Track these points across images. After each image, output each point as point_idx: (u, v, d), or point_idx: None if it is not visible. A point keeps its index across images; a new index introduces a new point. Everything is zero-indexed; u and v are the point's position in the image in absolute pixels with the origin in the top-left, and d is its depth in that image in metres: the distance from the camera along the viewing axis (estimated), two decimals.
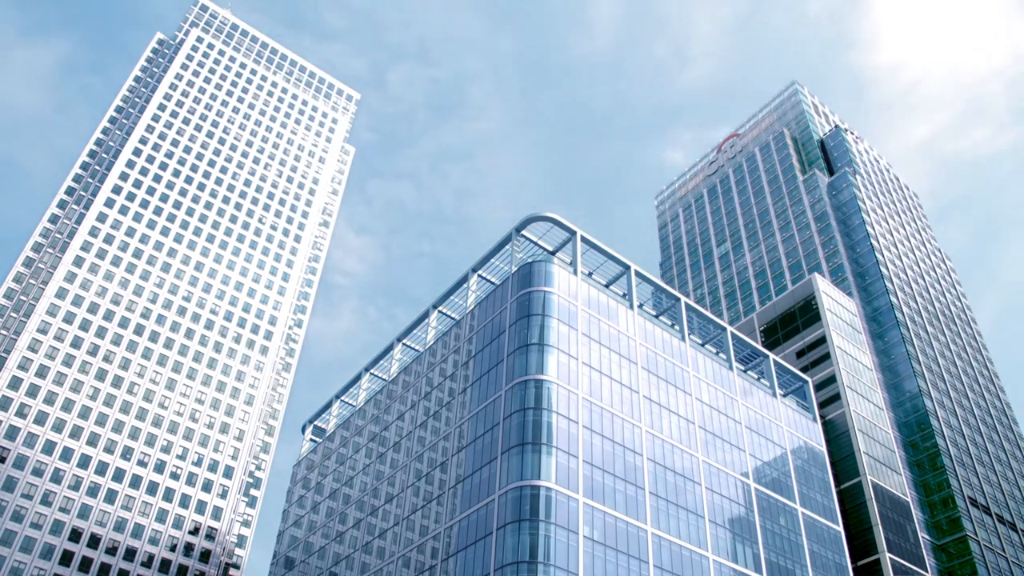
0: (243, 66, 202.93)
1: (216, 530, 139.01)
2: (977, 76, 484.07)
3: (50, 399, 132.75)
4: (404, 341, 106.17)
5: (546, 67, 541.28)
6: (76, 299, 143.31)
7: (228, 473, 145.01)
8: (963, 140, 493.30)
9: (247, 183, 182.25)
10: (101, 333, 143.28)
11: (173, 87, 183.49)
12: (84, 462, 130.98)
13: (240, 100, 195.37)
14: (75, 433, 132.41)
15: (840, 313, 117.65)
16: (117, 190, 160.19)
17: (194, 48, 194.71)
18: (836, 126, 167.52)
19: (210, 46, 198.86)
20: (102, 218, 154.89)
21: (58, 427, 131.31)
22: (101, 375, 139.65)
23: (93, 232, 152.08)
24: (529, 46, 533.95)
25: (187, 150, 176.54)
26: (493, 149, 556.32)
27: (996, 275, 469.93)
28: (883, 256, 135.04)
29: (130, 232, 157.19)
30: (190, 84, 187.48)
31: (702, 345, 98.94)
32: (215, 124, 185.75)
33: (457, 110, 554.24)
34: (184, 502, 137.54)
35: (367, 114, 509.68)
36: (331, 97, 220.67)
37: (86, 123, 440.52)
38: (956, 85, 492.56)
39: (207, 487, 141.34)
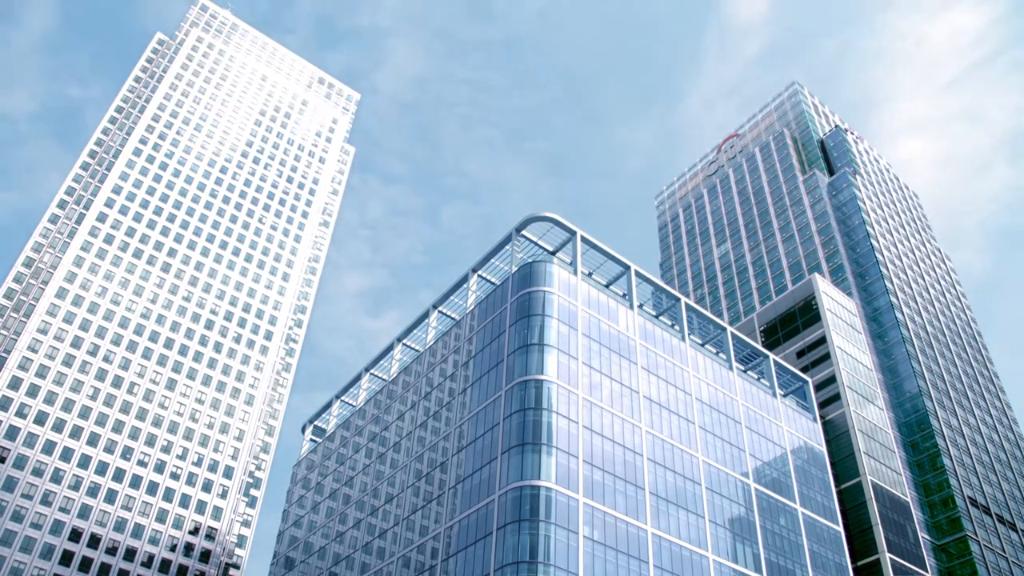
0: (243, 66, 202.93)
1: (216, 530, 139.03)
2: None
3: (50, 399, 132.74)
4: (404, 341, 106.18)
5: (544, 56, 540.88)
6: (76, 299, 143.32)
7: (228, 473, 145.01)
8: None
9: (247, 183, 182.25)
10: (101, 333, 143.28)
11: (173, 87, 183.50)
12: (84, 462, 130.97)
13: (240, 100, 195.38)
14: (75, 433, 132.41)
15: (840, 313, 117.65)
16: (117, 190, 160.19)
17: (194, 48, 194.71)
18: (836, 126, 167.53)
19: (210, 46, 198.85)
20: (102, 218, 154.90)
21: (58, 427, 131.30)
22: (101, 375, 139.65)
23: (93, 232, 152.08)
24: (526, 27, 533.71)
25: (187, 150, 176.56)
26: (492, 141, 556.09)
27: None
28: (883, 256, 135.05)
29: (130, 232, 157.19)
30: (190, 84, 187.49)
31: (702, 345, 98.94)
32: (215, 124, 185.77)
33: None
34: (184, 502, 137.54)
35: (365, 106, 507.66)
36: (331, 97, 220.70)
37: (86, 123, 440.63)
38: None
39: (207, 487, 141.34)
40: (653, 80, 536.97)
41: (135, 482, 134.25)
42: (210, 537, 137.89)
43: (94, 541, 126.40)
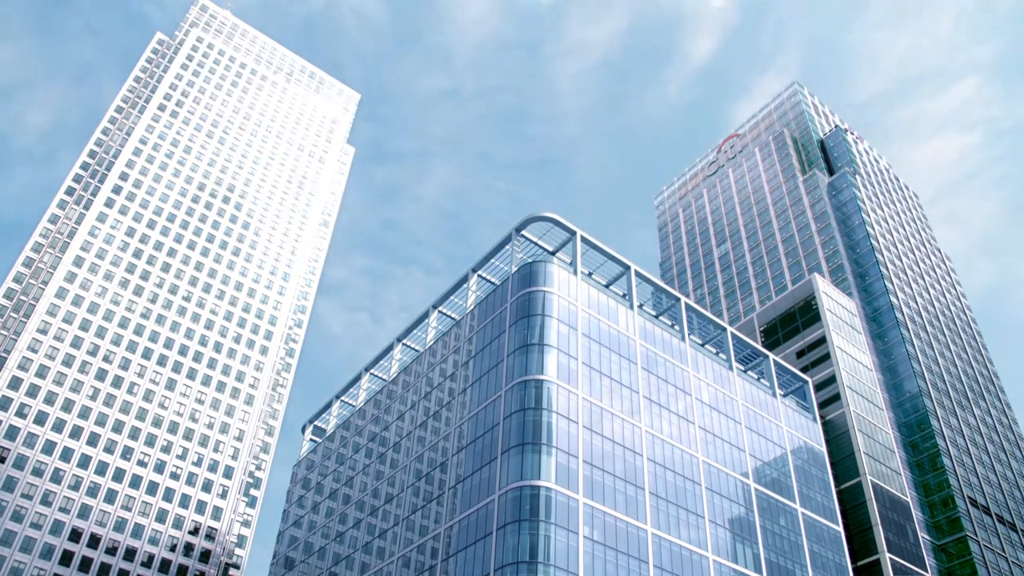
0: (243, 66, 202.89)
1: (216, 530, 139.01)
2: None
3: (50, 399, 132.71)
4: (404, 341, 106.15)
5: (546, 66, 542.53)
6: (76, 299, 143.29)
7: (228, 473, 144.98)
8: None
9: (247, 183, 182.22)
10: (101, 333, 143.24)
11: (173, 87, 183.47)
12: (84, 462, 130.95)
13: (240, 100, 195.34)
14: (75, 433, 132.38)
15: (840, 313, 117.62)
16: (117, 190, 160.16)
17: (194, 48, 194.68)
18: (836, 126, 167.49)
19: (210, 46, 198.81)
20: (102, 218, 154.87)
21: (58, 427, 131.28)
22: (101, 375, 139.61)
23: (93, 232, 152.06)
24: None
25: (187, 150, 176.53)
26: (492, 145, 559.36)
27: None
28: (883, 256, 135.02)
29: (130, 232, 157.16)
30: (190, 84, 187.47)
31: (702, 345, 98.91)
32: (215, 124, 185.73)
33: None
34: (184, 502, 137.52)
35: (408, 212, 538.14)
36: (331, 97, 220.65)
37: (86, 123, 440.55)
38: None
39: (207, 487, 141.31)
40: None
41: (135, 482, 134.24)
42: (210, 537, 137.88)
43: (94, 541, 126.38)
